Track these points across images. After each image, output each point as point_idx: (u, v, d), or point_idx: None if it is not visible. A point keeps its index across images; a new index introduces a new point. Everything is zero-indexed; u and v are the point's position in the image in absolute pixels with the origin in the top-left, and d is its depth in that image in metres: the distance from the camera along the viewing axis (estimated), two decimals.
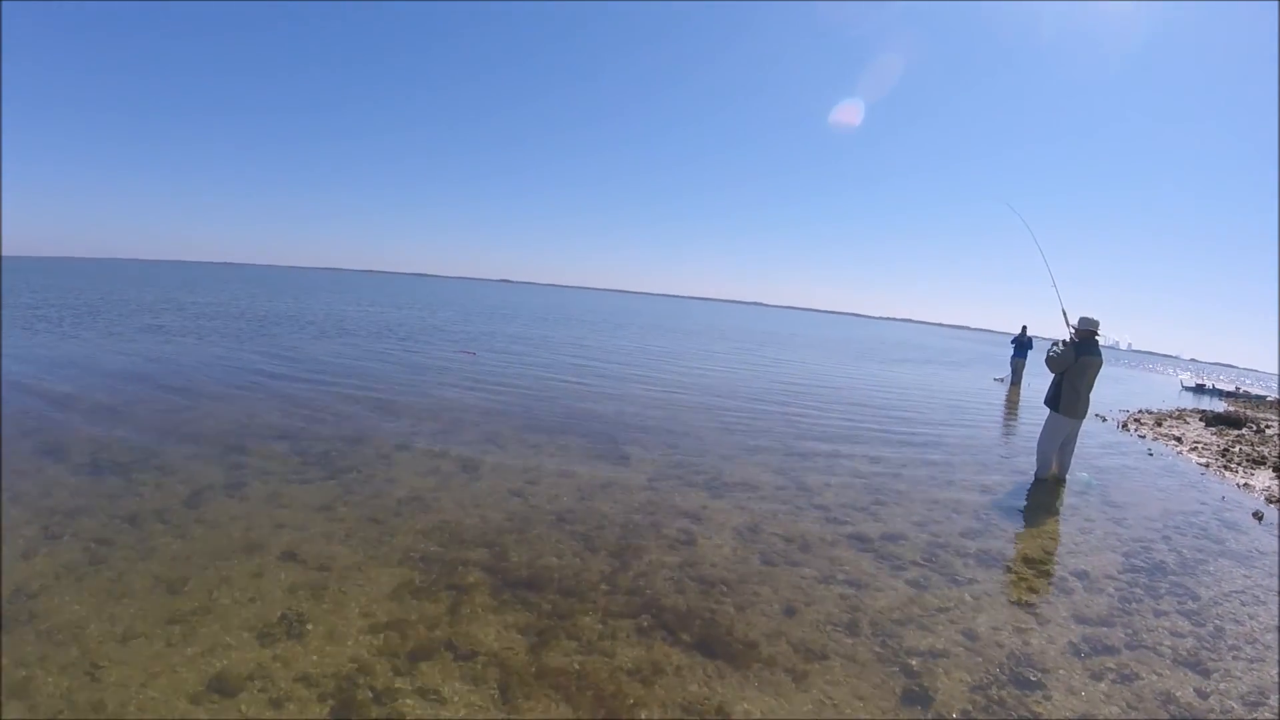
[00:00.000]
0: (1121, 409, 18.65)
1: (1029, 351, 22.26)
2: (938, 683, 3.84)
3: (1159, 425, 15.53)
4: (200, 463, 6.90)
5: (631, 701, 3.47)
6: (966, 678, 3.92)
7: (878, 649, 4.19)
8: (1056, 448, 8.90)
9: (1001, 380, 23.65)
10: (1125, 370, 47.83)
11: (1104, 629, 4.70)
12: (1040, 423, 9.22)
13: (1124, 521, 7.36)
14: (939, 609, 4.81)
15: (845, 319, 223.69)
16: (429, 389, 12.38)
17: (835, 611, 4.66)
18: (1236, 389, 33.12)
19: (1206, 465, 11.10)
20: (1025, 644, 4.39)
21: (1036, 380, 21.21)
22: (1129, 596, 5.30)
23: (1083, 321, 8.75)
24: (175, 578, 4.42)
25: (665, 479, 7.55)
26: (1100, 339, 8.83)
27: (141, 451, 7.13)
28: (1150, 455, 11.63)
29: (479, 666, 3.68)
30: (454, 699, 3.40)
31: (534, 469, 7.55)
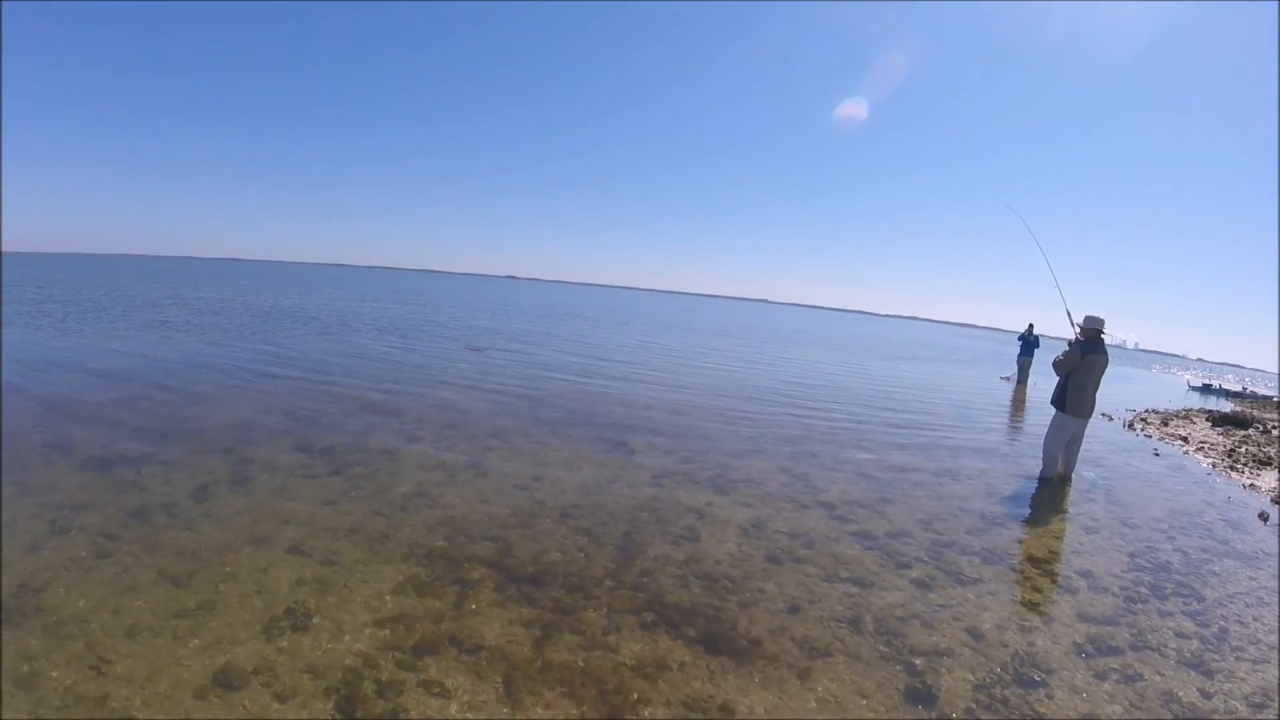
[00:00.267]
0: (1128, 408, 18.57)
1: (1036, 350, 22.19)
2: (941, 681, 3.84)
3: (1165, 425, 15.47)
4: (206, 458, 6.93)
5: (635, 697, 3.48)
6: (970, 676, 3.92)
7: (882, 647, 4.19)
8: (1062, 447, 8.88)
9: (1008, 379, 23.59)
10: (1132, 370, 47.68)
11: (1108, 629, 4.69)
12: (1047, 422, 9.20)
13: (1129, 521, 7.34)
14: (943, 607, 4.81)
15: (851, 316, 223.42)
16: (434, 385, 12.40)
17: (839, 609, 4.66)
18: (1243, 389, 33.01)
19: (1213, 465, 11.06)
20: (1029, 643, 4.38)
21: (1043, 379, 21.18)
22: (1134, 596, 5.29)
23: (1088, 320, 8.73)
24: (181, 572, 4.44)
25: (670, 475, 7.56)
26: (1106, 338, 8.81)
27: (148, 446, 7.16)
28: (1156, 455, 11.59)
29: (483, 661, 3.69)
30: (458, 693, 3.41)
31: (539, 465, 7.57)
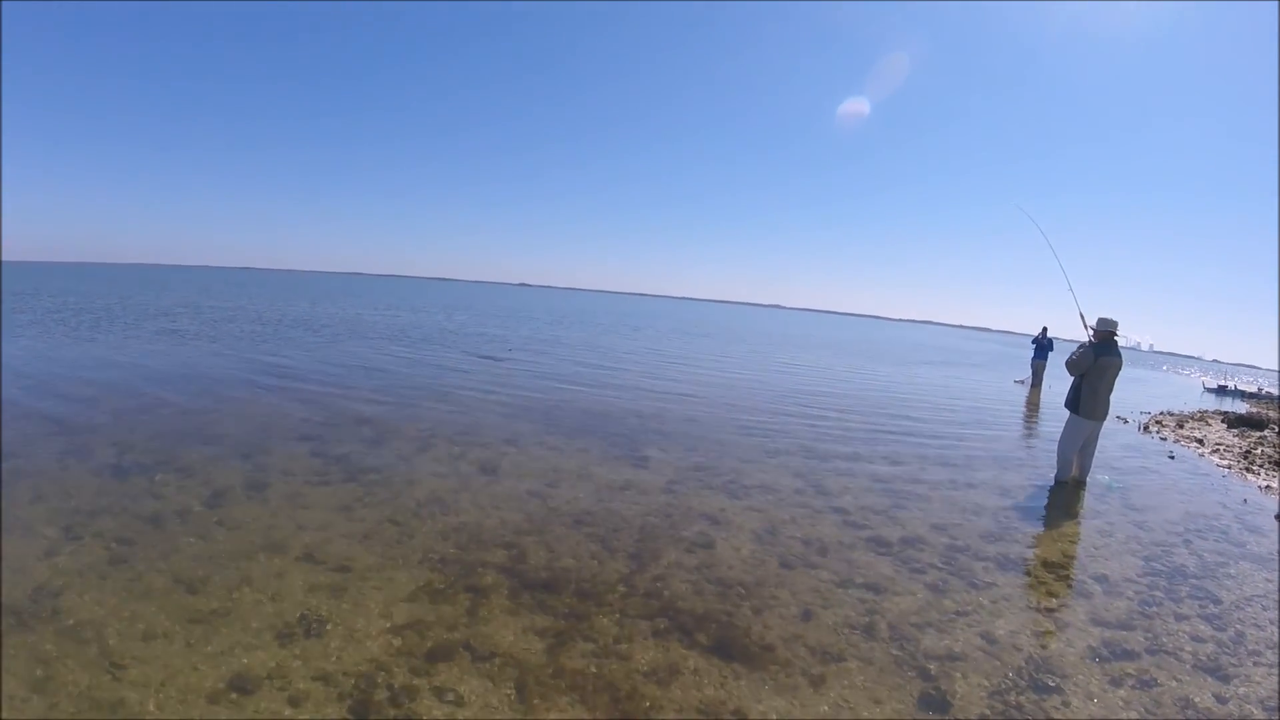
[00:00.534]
0: (1143, 411, 18.46)
1: (1049, 353, 22.07)
2: (955, 687, 3.82)
3: (1180, 427, 15.37)
4: (221, 464, 6.97)
5: (648, 703, 3.48)
6: (984, 682, 3.90)
7: (895, 652, 4.17)
8: (1077, 450, 8.83)
9: (1022, 382, 23.47)
10: (1146, 372, 47.39)
11: (1123, 633, 4.66)
12: (1061, 425, 9.16)
13: (1145, 524, 7.29)
14: (957, 613, 4.79)
15: (865, 321, 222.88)
16: (447, 392, 12.44)
17: (853, 615, 4.64)
18: (1259, 390, 32.73)
19: (1228, 467, 10.98)
20: (1044, 648, 4.36)
21: (1057, 383, 21.07)
22: (1149, 600, 5.25)
23: (1101, 322, 8.68)
24: (196, 578, 4.46)
25: (684, 481, 7.56)
26: (1120, 340, 8.76)
27: (162, 453, 7.21)
28: (1171, 458, 11.51)
29: (496, 667, 3.70)
30: (471, 699, 3.41)
31: (553, 471, 7.58)
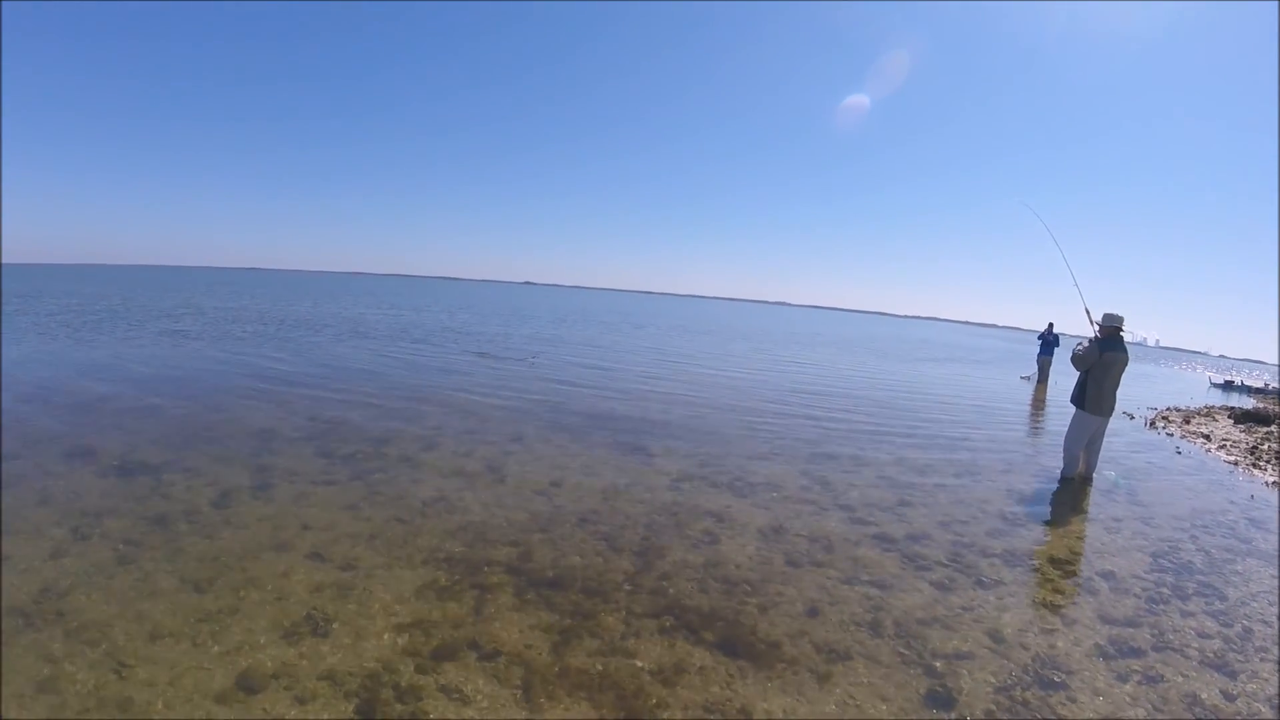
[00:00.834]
0: (1149, 406, 18.42)
1: (1056, 349, 22.01)
2: (961, 684, 3.82)
3: (1187, 423, 15.32)
4: (227, 465, 6.99)
5: (654, 702, 3.48)
6: (990, 679, 3.89)
7: (901, 650, 4.17)
8: (1083, 446, 8.81)
9: (1028, 378, 23.42)
10: (1153, 367, 47.26)
11: (1130, 630, 4.65)
12: (1067, 421, 9.14)
13: (1151, 521, 7.27)
14: (963, 610, 4.78)
15: (870, 317, 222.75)
16: (453, 391, 12.45)
17: (859, 612, 4.64)
18: (1265, 385, 32.60)
19: (1235, 463, 10.94)
20: (1050, 645, 4.35)
21: (1063, 378, 21.01)
22: (1156, 597, 5.24)
23: (1106, 318, 8.66)
24: (202, 578, 4.48)
25: (689, 479, 7.55)
26: (1126, 335, 8.73)
27: (169, 454, 7.23)
28: (1178, 453, 11.48)
29: (502, 666, 3.70)
30: (477, 698, 3.42)
31: (558, 469, 7.58)
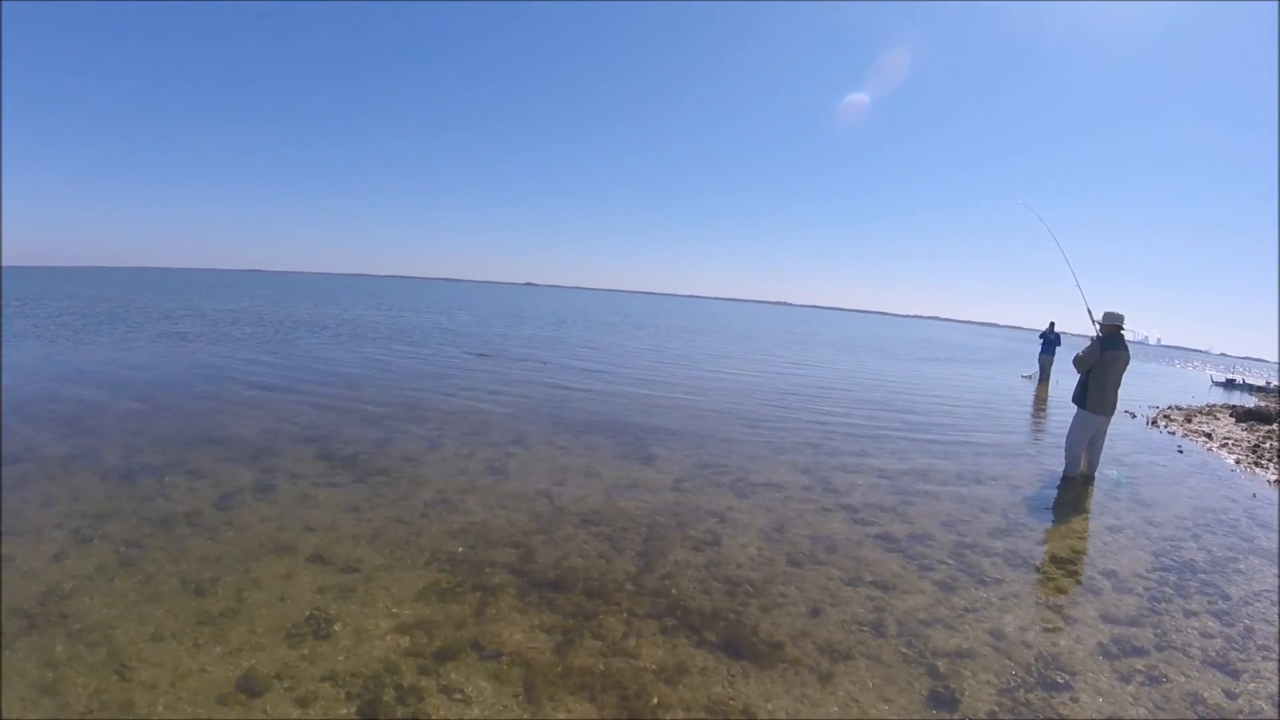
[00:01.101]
0: (1151, 405, 18.41)
1: (1057, 348, 21.98)
2: (964, 684, 3.81)
3: (1189, 421, 15.31)
4: (229, 467, 6.99)
5: (656, 702, 3.48)
6: (993, 679, 3.89)
7: (904, 650, 4.16)
8: (1085, 445, 8.80)
9: (1030, 378, 23.40)
10: (1154, 366, 47.22)
11: (1133, 629, 4.64)
12: (1069, 420, 9.13)
13: (1153, 520, 7.27)
14: (966, 609, 4.78)
15: (871, 317, 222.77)
16: (454, 392, 12.46)
17: (861, 612, 4.64)
18: (1267, 384, 32.56)
19: (1237, 462, 10.93)
20: (1053, 645, 4.35)
21: (1065, 378, 20.99)
22: (1158, 596, 5.24)
23: (1107, 316, 8.66)
24: (205, 579, 4.48)
25: (691, 479, 7.55)
26: (1128, 334, 8.73)
27: (171, 455, 7.24)
28: (1180, 452, 11.47)
29: (504, 666, 3.70)
30: (479, 699, 3.42)
31: (560, 470, 7.59)
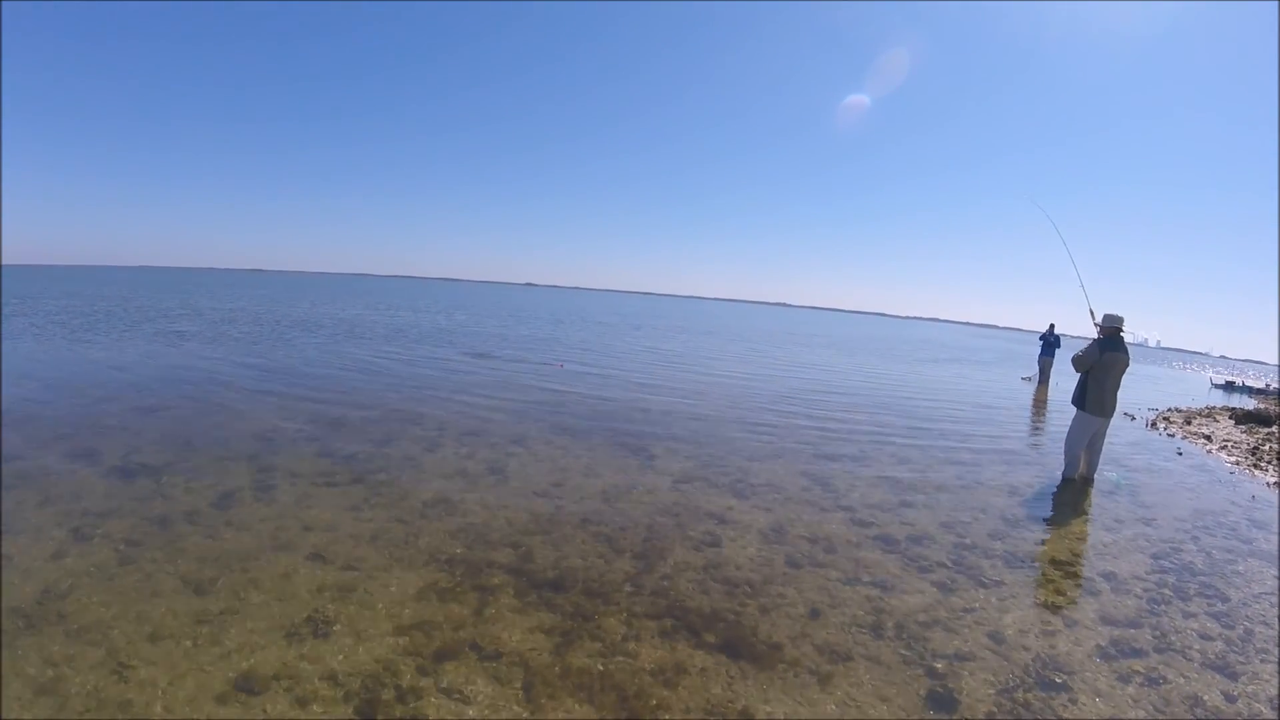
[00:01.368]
0: (1150, 407, 18.41)
1: (1057, 350, 21.99)
2: (963, 685, 3.81)
3: (1188, 423, 15.31)
4: (228, 466, 6.99)
5: (655, 703, 3.48)
6: (992, 680, 3.89)
7: (903, 651, 4.16)
8: (1084, 447, 8.80)
9: (1029, 379, 23.41)
10: (1154, 368, 47.23)
11: (1131, 631, 4.65)
12: (1068, 422, 9.13)
13: (1152, 522, 7.27)
14: (965, 611, 4.78)
15: (871, 318, 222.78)
16: (454, 392, 12.46)
17: (860, 613, 4.64)
18: (1267, 386, 32.58)
19: (1236, 464, 10.93)
20: (1052, 646, 4.35)
21: (1065, 380, 21.01)
22: (1157, 598, 5.24)
23: (1107, 319, 8.66)
24: (204, 578, 4.48)
25: (690, 481, 7.55)
26: (1127, 336, 8.73)
27: (170, 455, 7.24)
28: (1179, 454, 11.47)
29: (503, 667, 3.70)
30: (478, 699, 3.42)
31: (559, 471, 7.59)
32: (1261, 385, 33.02)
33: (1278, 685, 4.06)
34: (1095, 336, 8.73)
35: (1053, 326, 21.98)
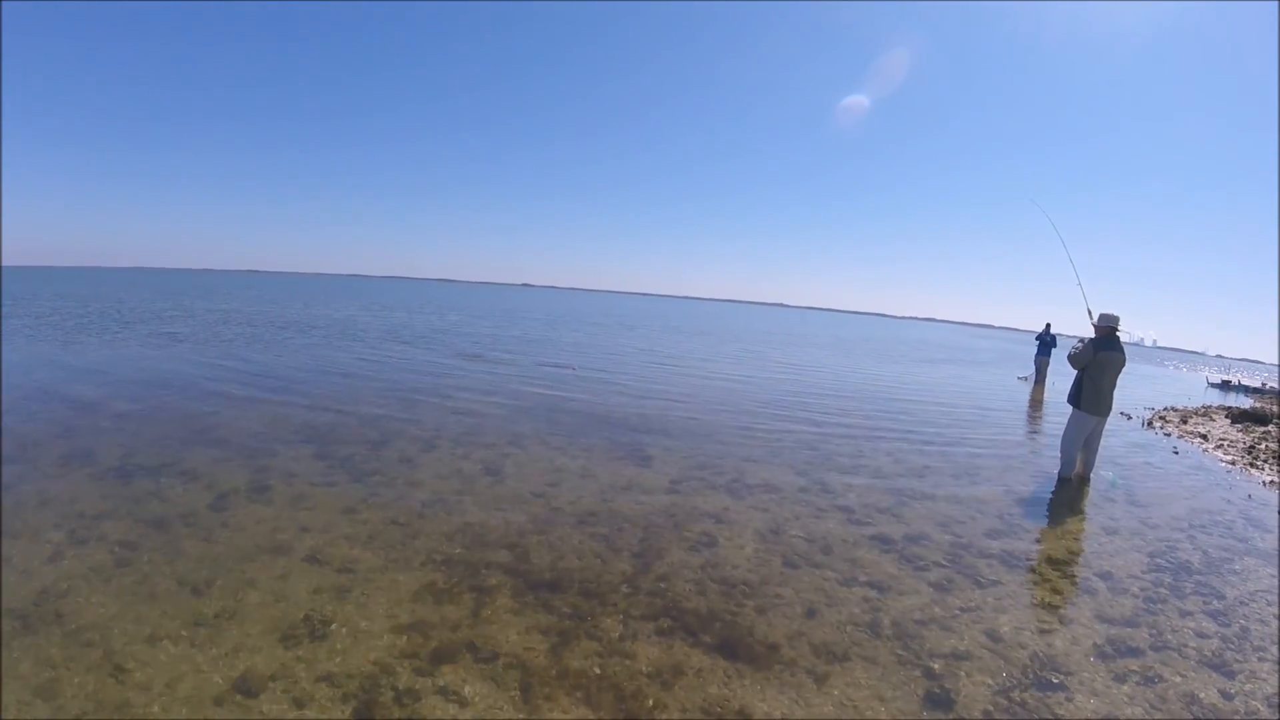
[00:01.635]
0: (1147, 406, 18.44)
1: (1053, 350, 22.01)
2: (960, 685, 3.82)
3: (1184, 422, 15.34)
4: (224, 467, 6.98)
5: (651, 703, 3.48)
6: (989, 680, 3.89)
7: (900, 651, 4.17)
8: (1080, 446, 8.82)
9: (1026, 379, 23.44)
10: (1150, 367, 47.30)
11: (1128, 630, 4.65)
12: (1064, 422, 9.15)
13: (1149, 521, 7.28)
14: (961, 610, 4.78)
15: (868, 319, 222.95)
16: (450, 394, 12.44)
17: (857, 613, 4.64)
18: (1263, 385, 32.65)
19: (1232, 463, 10.95)
20: (1048, 645, 4.35)
21: (1061, 379, 21.03)
22: (1153, 597, 5.25)
23: (1102, 318, 8.68)
24: (200, 580, 4.47)
25: (687, 481, 7.55)
26: (1123, 335, 8.75)
27: (166, 456, 7.23)
28: (1176, 453, 11.49)
29: (500, 668, 3.70)
30: (475, 700, 3.42)
31: (556, 471, 7.58)
32: (1258, 384, 33.11)
33: (1275, 683, 4.08)
34: (1091, 335, 8.75)
35: (1049, 326, 22.00)
